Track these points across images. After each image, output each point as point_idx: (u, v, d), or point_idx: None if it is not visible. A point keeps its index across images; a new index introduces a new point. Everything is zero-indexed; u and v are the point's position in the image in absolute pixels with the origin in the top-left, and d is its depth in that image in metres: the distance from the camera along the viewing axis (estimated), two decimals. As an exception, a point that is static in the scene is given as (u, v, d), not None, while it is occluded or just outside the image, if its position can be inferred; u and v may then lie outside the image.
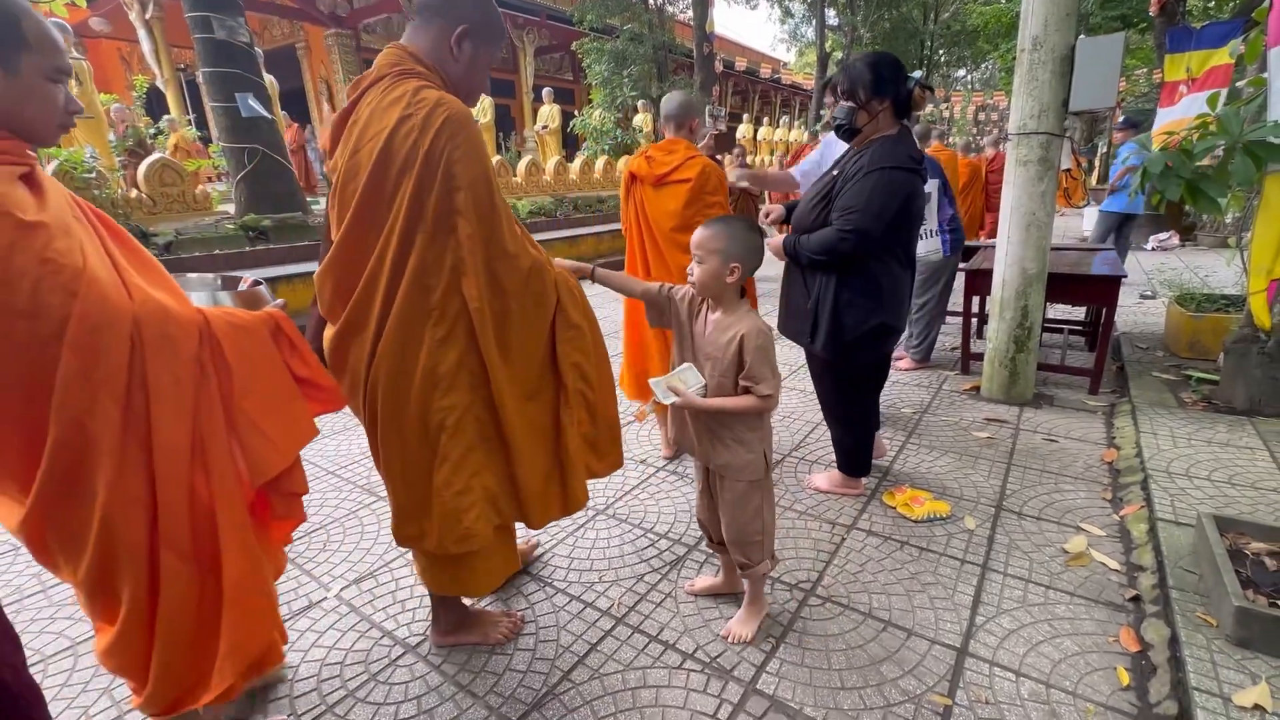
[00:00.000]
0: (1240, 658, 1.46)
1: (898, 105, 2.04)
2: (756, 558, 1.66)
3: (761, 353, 1.49)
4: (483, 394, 1.38)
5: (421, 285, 1.29)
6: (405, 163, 1.24)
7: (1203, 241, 8.43)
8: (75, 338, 0.95)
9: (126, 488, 1.03)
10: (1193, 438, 2.59)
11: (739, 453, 1.58)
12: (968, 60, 23.85)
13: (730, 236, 1.51)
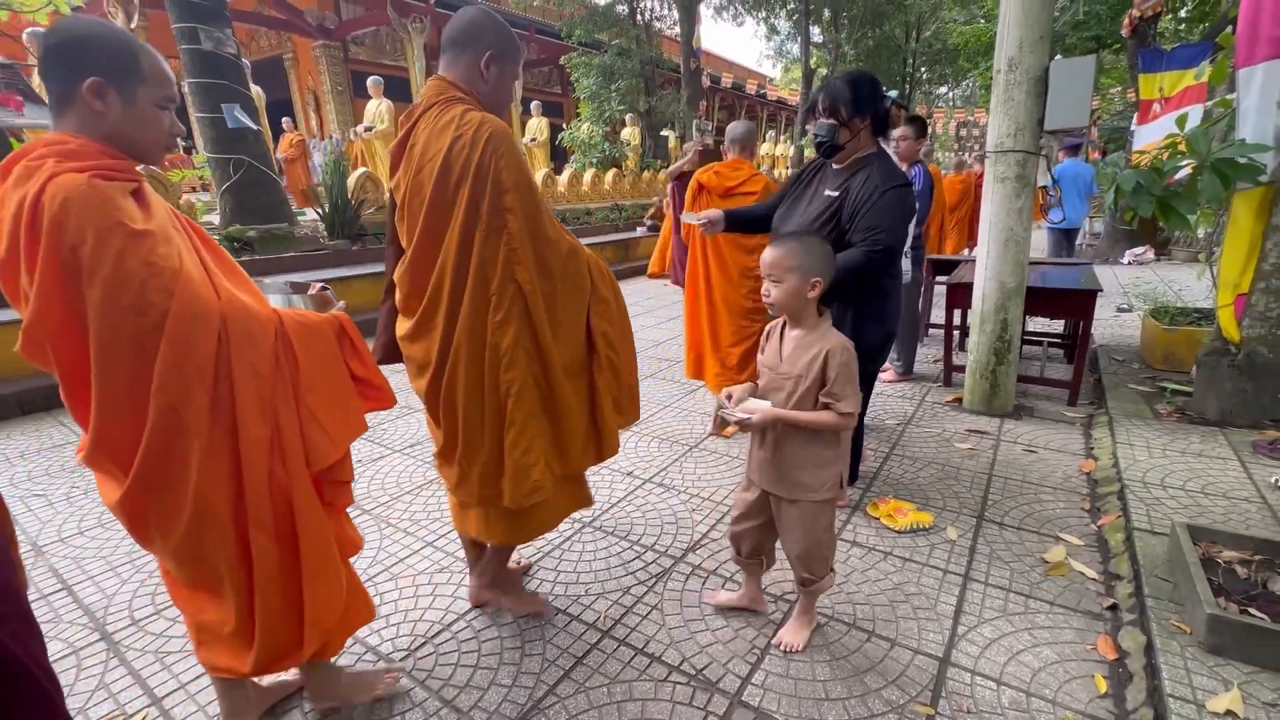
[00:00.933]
0: (1213, 664, 1.49)
1: (876, 123, 2.10)
2: (821, 572, 1.67)
3: (846, 370, 1.49)
4: (535, 367, 1.57)
5: (482, 277, 1.49)
6: (460, 175, 1.44)
7: (1176, 256, 8.65)
8: (172, 332, 1.09)
9: (215, 468, 1.17)
10: (1167, 448, 2.64)
11: (817, 472, 1.57)
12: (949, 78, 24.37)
13: (806, 252, 1.51)
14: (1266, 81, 2.60)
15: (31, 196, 1.02)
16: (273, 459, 1.22)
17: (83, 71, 1.08)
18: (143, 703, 1.59)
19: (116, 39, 1.11)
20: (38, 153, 1.07)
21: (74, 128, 1.11)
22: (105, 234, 1.04)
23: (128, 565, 2.20)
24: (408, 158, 1.53)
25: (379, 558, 2.19)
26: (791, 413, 1.53)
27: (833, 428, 1.52)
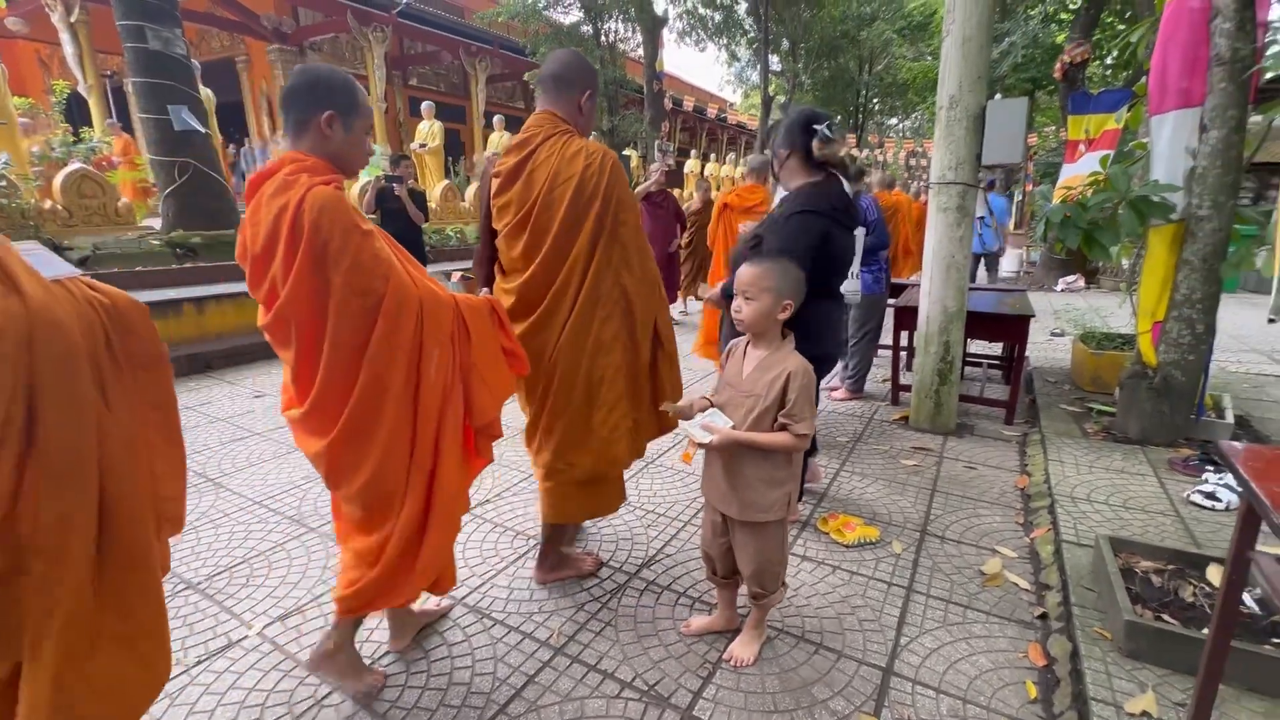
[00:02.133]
0: (1131, 668, 1.59)
1: (803, 155, 2.21)
2: (772, 587, 1.69)
3: (805, 392, 1.52)
4: (629, 357, 1.89)
5: (596, 279, 1.82)
6: (591, 195, 1.78)
7: (1104, 284, 9.24)
8: (386, 310, 1.37)
9: (400, 425, 1.43)
10: (1094, 465, 2.81)
11: (767, 492, 1.59)
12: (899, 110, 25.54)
13: (783, 274, 1.55)
14: (1176, 128, 2.85)
15: (294, 203, 1.31)
16: (440, 417, 1.48)
17: (320, 106, 1.41)
18: None
19: (344, 82, 1.45)
20: (289, 169, 1.37)
21: (307, 148, 1.42)
22: (347, 233, 1.33)
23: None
24: (529, 180, 1.82)
25: (324, 577, 2.13)
26: (750, 435, 1.55)
27: (789, 449, 1.56)
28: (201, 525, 2.48)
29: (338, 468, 1.45)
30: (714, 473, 1.67)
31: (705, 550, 1.81)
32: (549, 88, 1.88)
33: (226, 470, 2.99)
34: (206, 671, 1.70)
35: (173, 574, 2.15)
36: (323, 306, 1.35)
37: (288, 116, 1.44)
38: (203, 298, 4.92)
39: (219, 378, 4.57)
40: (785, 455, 1.60)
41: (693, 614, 1.94)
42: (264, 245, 1.34)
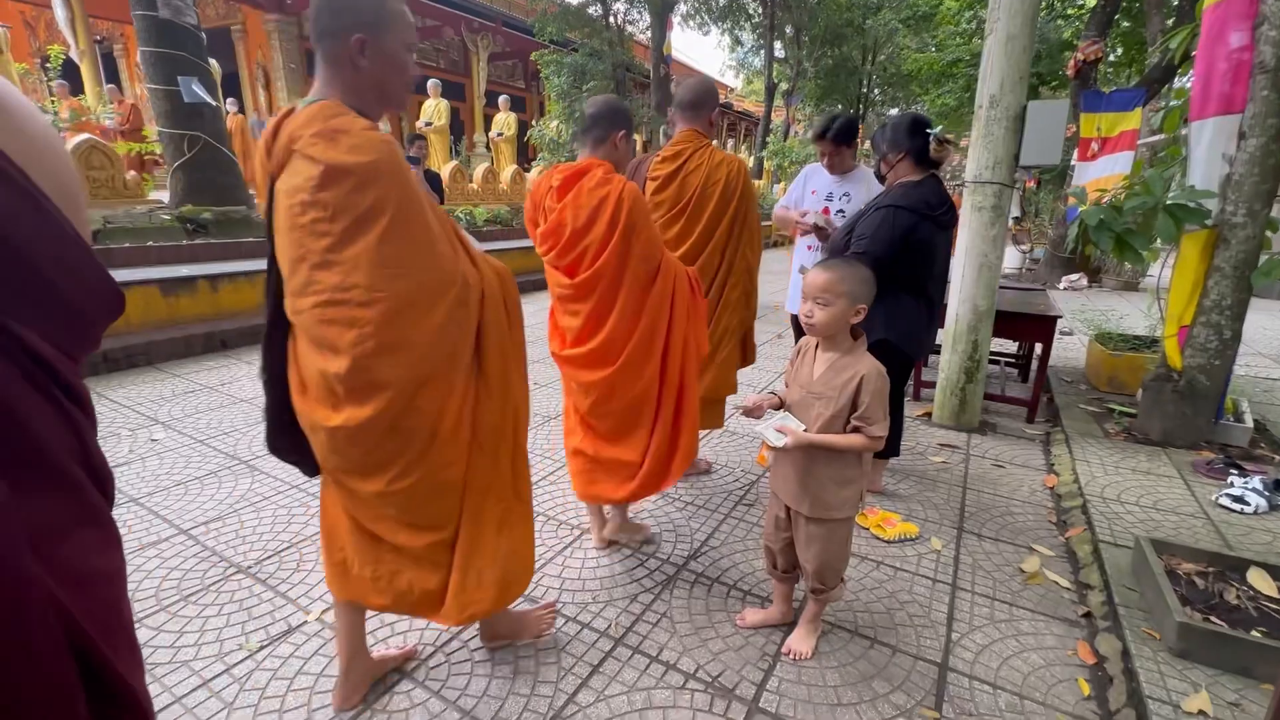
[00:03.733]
0: (1182, 668, 1.64)
1: (915, 156, 2.33)
2: (832, 583, 1.72)
3: (879, 396, 1.53)
4: (744, 315, 2.62)
5: (732, 255, 2.51)
6: (733, 192, 2.43)
7: (1106, 284, 9.34)
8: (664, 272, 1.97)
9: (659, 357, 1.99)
10: (1119, 465, 2.87)
11: (838, 491, 1.62)
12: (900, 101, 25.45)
13: (857, 279, 1.55)
14: (1215, 134, 2.87)
15: (615, 194, 1.84)
16: (684, 352, 2.02)
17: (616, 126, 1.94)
18: (135, 719, 1.50)
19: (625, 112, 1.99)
20: (600, 171, 1.89)
21: (603, 156, 1.94)
22: (645, 217, 1.89)
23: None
24: (683, 182, 2.46)
25: (375, 564, 2.13)
26: (824, 437, 1.57)
27: (863, 449, 1.58)
28: (243, 509, 2.47)
29: (609, 392, 1.99)
30: (786, 471, 1.69)
31: (767, 544, 1.83)
32: (688, 111, 2.46)
33: (258, 453, 2.97)
34: (271, 656, 1.71)
35: (222, 558, 2.15)
36: (622, 270, 1.88)
37: (589, 132, 1.96)
38: (217, 275, 4.85)
39: (236, 357, 4.52)
40: (856, 455, 1.62)
41: (745, 606, 1.98)
42: (585, 222, 1.86)
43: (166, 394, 3.74)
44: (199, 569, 2.09)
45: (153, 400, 3.63)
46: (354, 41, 1.20)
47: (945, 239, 2.42)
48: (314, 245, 1.20)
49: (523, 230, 8.92)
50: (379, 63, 1.23)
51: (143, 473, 2.74)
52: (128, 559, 2.13)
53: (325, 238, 1.18)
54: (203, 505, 2.50)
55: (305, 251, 1.21)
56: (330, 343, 1.23)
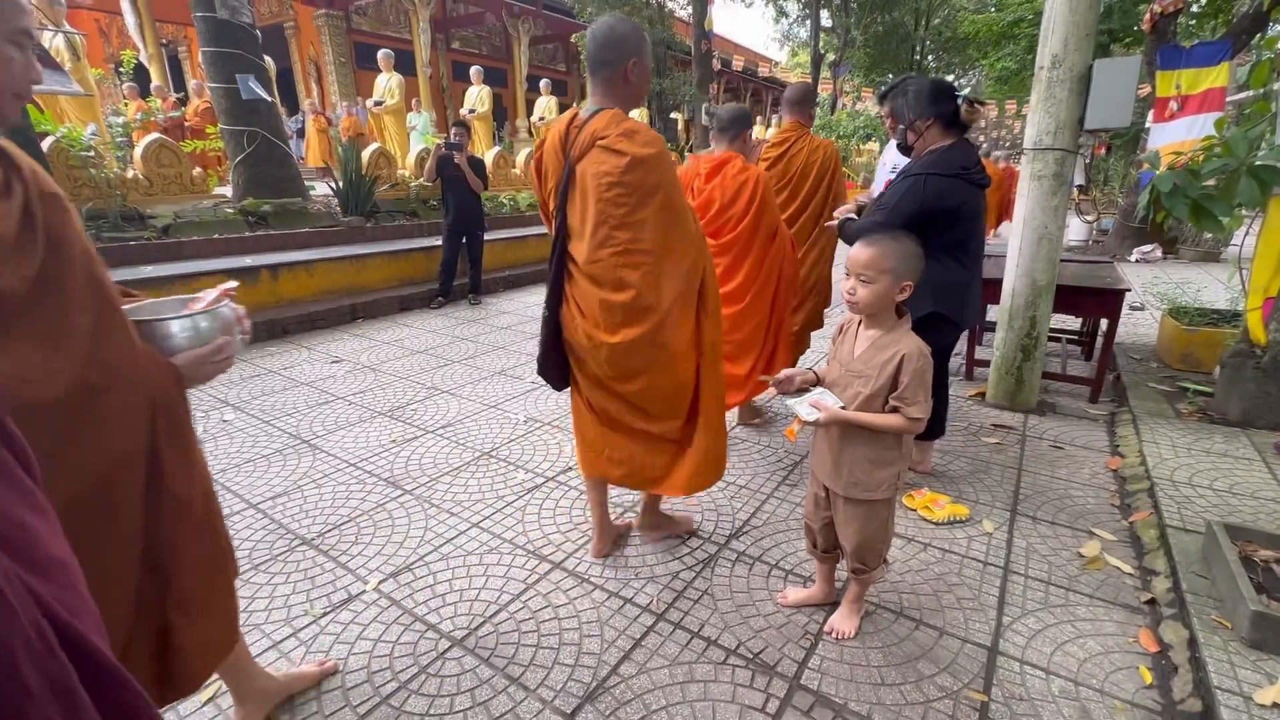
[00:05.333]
0: (1256, 659, 1.55)
1: (945, 122, 2.20)
2: (874, 563, 1.70)
3: (920, 376, 1.48)
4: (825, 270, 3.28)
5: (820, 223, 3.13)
6: (826, 169, 3.10)
7: (1184, 255, 8.71)
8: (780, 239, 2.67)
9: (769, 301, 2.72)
10: (1192, 448, 2.70)
11: (875, 472, 1.58)
12: (956, 67, 24.17)
13: (903, 255, 1.49)
14: (1309, 88, 2.62)
15: (752, 179, 2.54)
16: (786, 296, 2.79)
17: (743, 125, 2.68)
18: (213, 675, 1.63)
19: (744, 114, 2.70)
20: (738, 161, 2.58)
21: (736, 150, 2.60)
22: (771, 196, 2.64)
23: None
24: (789, 163, 3.10)
25: (427, 538, 2.23)
26: (859, 415, 1.53)
27: (900, 430, 1.53)
28: (305, 485, 2.61)
29: (736, 324, 2.60)
30: (822, 449, 1.67)
31: (807, 523, 1.82)
32: (795, 105, 3.16)
33: (318, 433, 3.13)
34: (333, 623, 1.82)
35: (287, 530, 2.28)
36: (754, 235, 2.58)
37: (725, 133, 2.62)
38: (276, 265, 5.09)
39: (295, 343, 4.75)
40: (895, 436, 1.58)
41: (787, 585, 1.97)
42: (729, 199, 2.55)
43: (235, 378, 3.97)
44: (267, 540, 2.23)
45: (223, 384, 3.86)
46: (630, 65, 1.70)
47: (981, 199, 2.31)
48: (615, 212, 1.68)
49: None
50: (638, 78, 1.75)
51: (215, 452, 2.93)
52: (204, 530, 2.29)
53: (623, 206, 1.68)
54: (269, 481, 2.65)
55: (607, 216, 1.69)
56: (622, 281, 1.73)
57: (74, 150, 4.72)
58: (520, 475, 2.70)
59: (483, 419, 3.30)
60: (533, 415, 3.35)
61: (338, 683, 1.60)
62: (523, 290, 6.84)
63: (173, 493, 1.06)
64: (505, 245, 7.17)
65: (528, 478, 2.68)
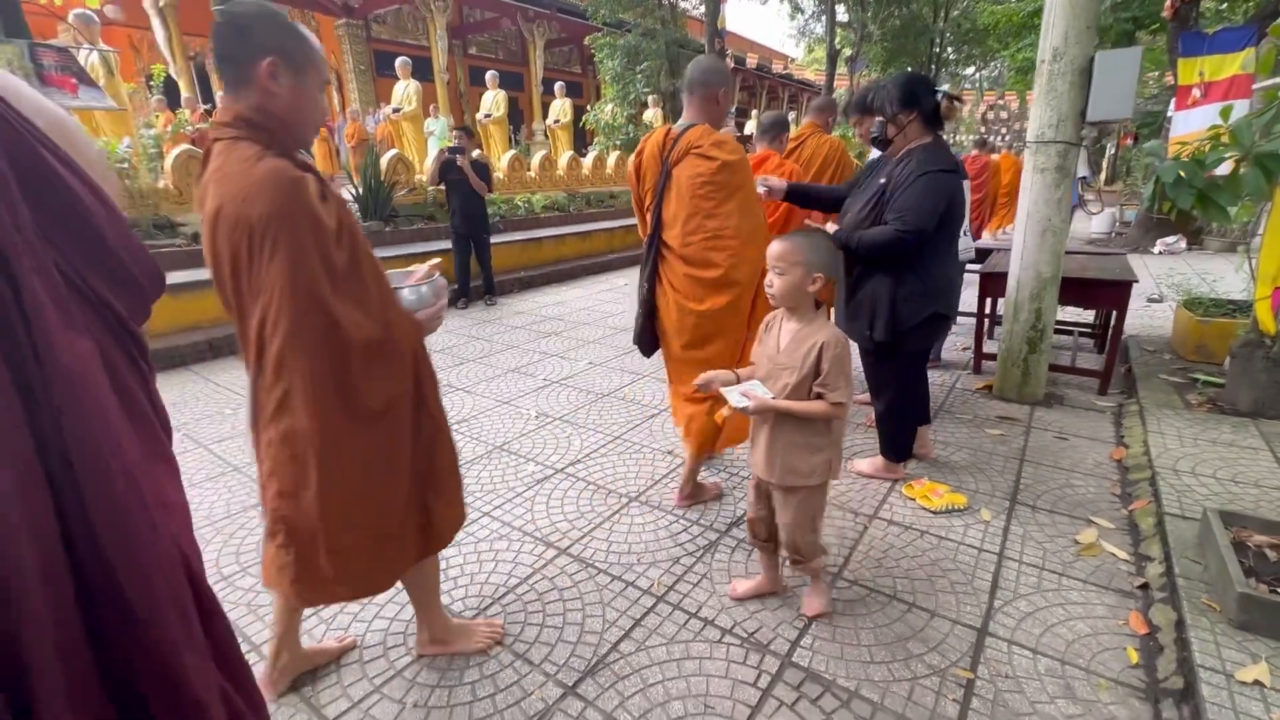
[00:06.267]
0: (1242, 639, 1.58)
1: (925, 116, 2.22)
2: (809, 554, 1.76)
3: (839, 362, 1.56)
4: None
5: None
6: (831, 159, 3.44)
7: (1209, 246, 8.52)
8: None
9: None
10: (1198, 438, 2.70)
11: (807, 458, 1.64)
12: (977, 59, 23.76)
13: (812, 248, 1.58)
14: (1316, 74, 2.60)
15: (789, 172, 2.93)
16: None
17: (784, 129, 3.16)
18: (243, 649, 1.75)
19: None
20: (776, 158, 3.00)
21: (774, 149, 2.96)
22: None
23: (208, 527, 2.37)
24: (800, 153, 3.43)
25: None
26: (785, 402, 1.60)
27: (825, 416, 1.59)
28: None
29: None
30: (759, 443, 1.72)
31: (750, 515, 1.87)
32: (816, 111, 3.64)
33: (339, 429, 3.27)
34: (353, 603, 1.93)
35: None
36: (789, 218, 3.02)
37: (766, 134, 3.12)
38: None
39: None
40: (824, 423, 1.63)
41: (781, 570, 2.04)
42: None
43: (261, 377, 4.14)
44: (291, 528, 2.36)
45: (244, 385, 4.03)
46: (721, 93, 2.20)
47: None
48: (705, 205, 2.13)
49: (580, 216, 9.09)
50: (724, 104, 2.22)
51: (244, 446, 3.08)
52: (234, 519, 2.43)
53: (713, 200, 2.12)
54: (293, 474, 2.79)
55: (698, 209, 2.14)
56: (710, 261, 2.13)
57: (110, 162, 4.96)
58: (530, 468, 2.80)
59: (496, 414, 3.41)
60: (544, 410, 3.45)
61: (355, 656, 1.71)
62: (537, 290, 6.97)
63: (431, 413, 1.48)
64: (520, 247, 7.31)
65: (537, 470, 2.77)
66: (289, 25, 1.25)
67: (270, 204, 1.16)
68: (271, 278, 1.18)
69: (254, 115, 1.23)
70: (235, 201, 1.17)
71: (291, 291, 1.19)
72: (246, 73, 1.22)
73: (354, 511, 1.36)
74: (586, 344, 4.82)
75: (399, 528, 1.45)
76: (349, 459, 1.32)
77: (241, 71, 1.22)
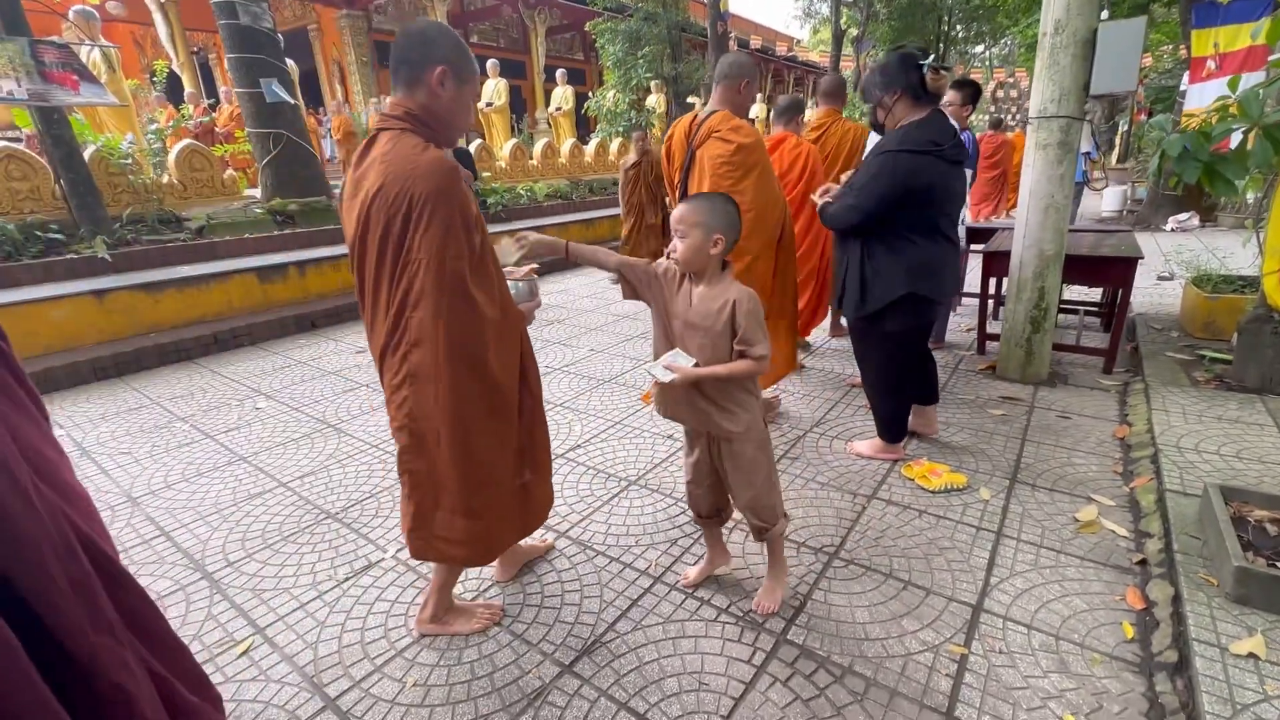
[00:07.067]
0: (1239, 613, 1.57)
1: (913, 93, 2.18)
2: (771, 519, 1.73)
3: (753, 317, 1.54)
4: None
5: None
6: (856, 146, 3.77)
7: (1223, 222, 8.36)
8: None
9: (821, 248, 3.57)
10: (1204, 415, 2.67)
11: (741, 418, 1.63)
12: (986, 36, 23.33)
13: (711, 210, 1.55)
14: (1326, 41, 2.54)
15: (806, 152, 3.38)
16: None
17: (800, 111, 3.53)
18: (248, 631, 1.79)
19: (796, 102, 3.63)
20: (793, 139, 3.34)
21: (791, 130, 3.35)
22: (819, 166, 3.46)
23: (215, 515, 2.41)
24: (824, 143, 3.71)
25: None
26: (709, 369, 1.56)
27: (750, 373, 1.57)
28: (331, 466, 2.78)
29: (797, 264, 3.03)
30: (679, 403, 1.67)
31: (689, 488, 1.83)
32: (828, 96, 3.87)
33: (343, 418, 3.31)
34: (355, 586, 1.97)
35: (314, 505, 2.45)
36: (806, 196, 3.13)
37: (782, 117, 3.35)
38: (304, 261, 5.31)
39: (324, 335, 4.97)
40: (749, 380, 1.62)
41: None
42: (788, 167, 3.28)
43: (267, 369, 4.19)
44: (296, 515, 2.40)
45: (256, 375, 4.08)
46: (743, 83, 2.47)
47: (957, 174, 2.27)
48: (725, 183, 2.41)
49: (583, 204, 9.06)
50: (749, 92, 2.51)
51: (249, 436, 3.13)
52: (240, 508, 2.47)
53: (730, 178, 2.43)
54: (298, 462, 2.83)
55: (718, 186, 2.38)
56: None
57: (113, 159, 5.00)
58: (531, 453, 2.82)
59: (498, 402, 3.44)
60: (546, 397, 3.46)
61: (356, 637, 1.75)
62: (540, 279, 6.96)
63: (532, 390, 1.65)
64: (523, 235, 7.29)
65: (538, 455, 2.80)
66: (461, 43, 1.47)
67: (433, 184, 1.34)
68: (423, 249, 1.35)
69: (421, 113, 1.44)
70: (401, 179, 1.34)
71: (439, 264, 1.36)
72: (420, 76, 1.41)
73: (477, 478, 1.53)
74: (588, 331, 4.83)
75: (511, 499, 1.62)
76: (475, 426, 1.49)
77: (416, 74, 1.42)
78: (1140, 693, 1.47)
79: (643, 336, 4.59)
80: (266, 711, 1.53)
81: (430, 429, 1.48)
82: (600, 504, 2.38)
